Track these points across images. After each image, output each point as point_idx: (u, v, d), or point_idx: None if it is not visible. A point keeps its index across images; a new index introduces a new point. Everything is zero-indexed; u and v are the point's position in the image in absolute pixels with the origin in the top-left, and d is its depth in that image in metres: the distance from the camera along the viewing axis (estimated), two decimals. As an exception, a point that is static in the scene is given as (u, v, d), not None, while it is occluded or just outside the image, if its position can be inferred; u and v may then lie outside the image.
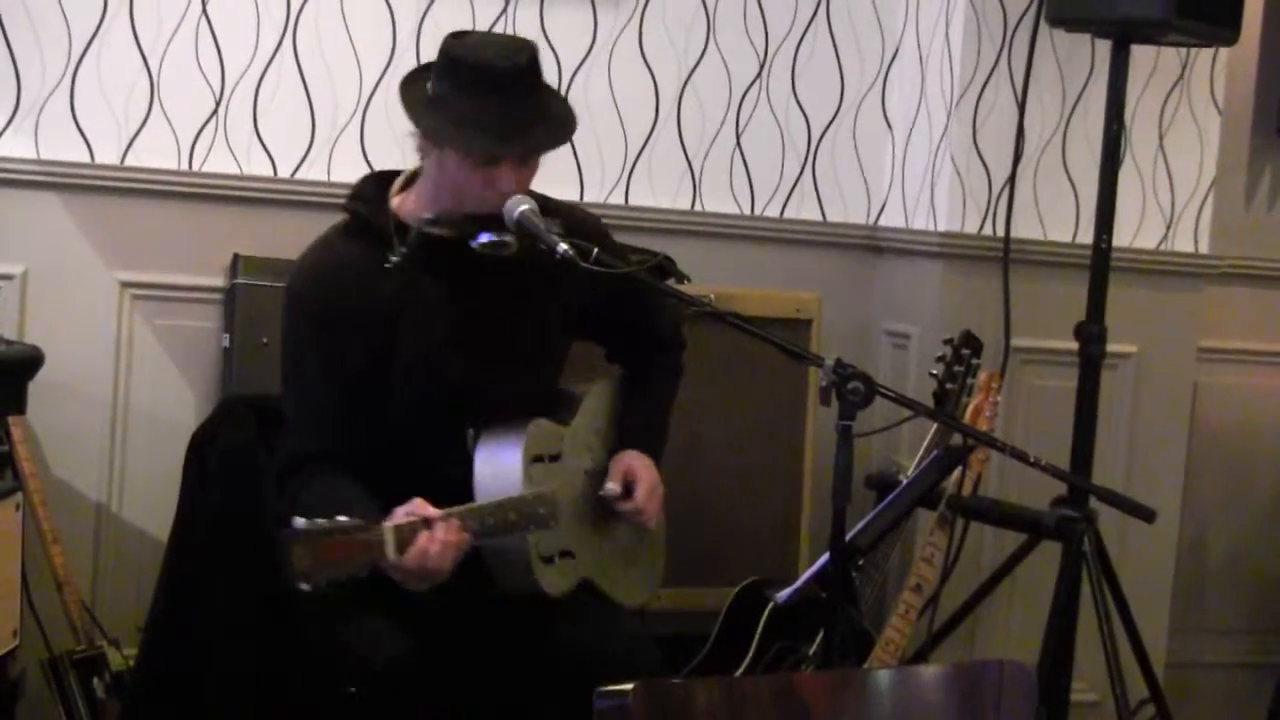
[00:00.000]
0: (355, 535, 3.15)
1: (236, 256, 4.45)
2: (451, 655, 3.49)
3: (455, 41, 3.48)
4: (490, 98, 3.41)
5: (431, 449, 3.55)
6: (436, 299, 3.56)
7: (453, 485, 3.46)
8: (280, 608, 3.53)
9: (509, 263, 3.51)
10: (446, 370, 3.56)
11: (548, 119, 3.52)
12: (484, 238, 3.45)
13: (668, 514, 3.97)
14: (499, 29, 4.70)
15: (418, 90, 3.51)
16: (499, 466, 3.52)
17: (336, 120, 4.60)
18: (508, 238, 3.45)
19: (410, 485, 3.38)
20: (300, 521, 3.09)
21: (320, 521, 3.11)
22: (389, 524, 3.21)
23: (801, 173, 5.05)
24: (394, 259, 3.46)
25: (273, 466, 3.62)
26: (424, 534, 3.24)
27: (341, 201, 3.66)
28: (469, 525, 3.32)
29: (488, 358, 3.59)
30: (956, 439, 4.09)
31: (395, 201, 3.59)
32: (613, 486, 3.67)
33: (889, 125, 5.12)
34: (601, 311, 3.80)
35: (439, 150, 3.48)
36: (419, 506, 3.29)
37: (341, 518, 3.14)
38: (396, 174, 3.66)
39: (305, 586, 3.09)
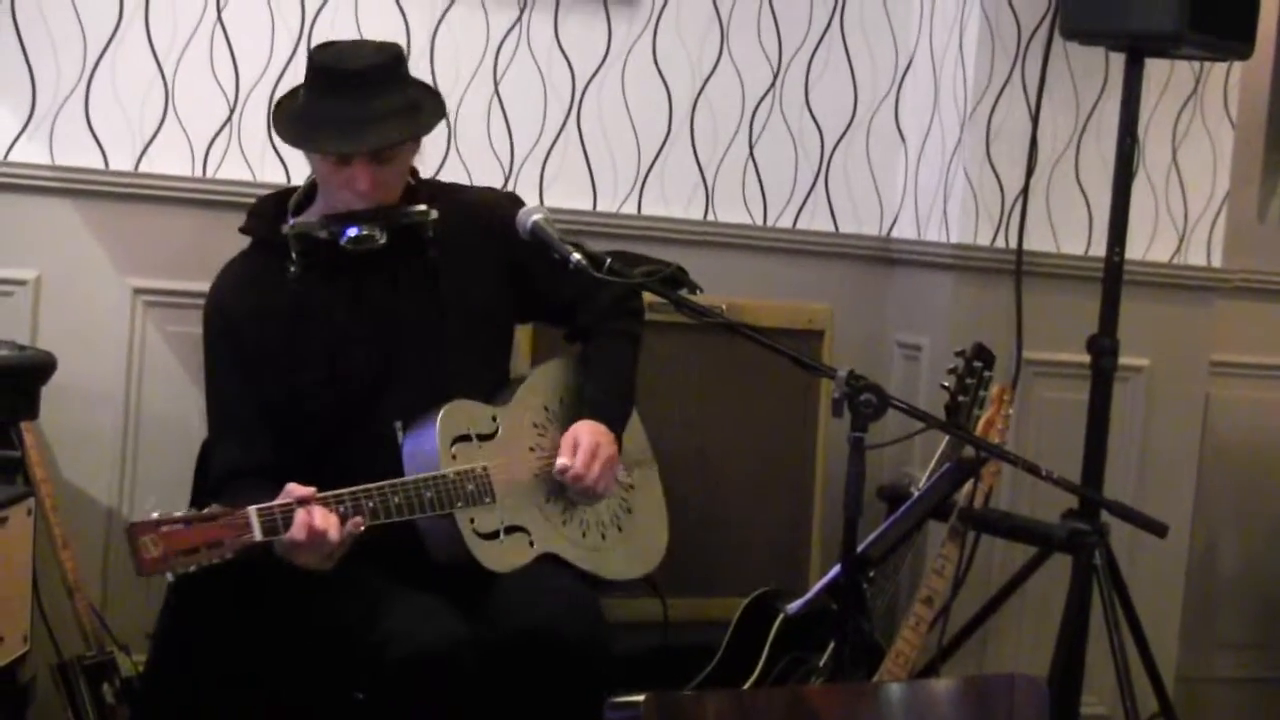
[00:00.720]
0: (214, 521, 3.21)
1: (249, 264, 4.46)
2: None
3: (316, 50, 3.63)
4: (337, 99, 3.52)
5: (362, 448, 3.61)
6: (340, 302, 3.64)
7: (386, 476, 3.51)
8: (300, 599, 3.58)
9: (418, 257, 3.65)
10: (358, 370, 3.64)
11: (396, 114, 3.57)
12: (350, 232, 3.56)
13: (679, 521, 3.97)
14: (513, 38, 4.71)
15: (290, 102, 3.67)
16: (419, 450, 3.57)
17: (350, 128, 4.61)
18: (374, 231, 3.56)
19: (347, 483, 3.42)
20: (154, 513, 3.18)
21: (175, 513, 3.19)
22: (253, 507, 3.28)
23: (814, 183, 5.05)
24: (293, 269, 3.58)
25: (206, 482, 3.71)
26: (301, 511, 3.30)
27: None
28: (366, 505, 3.38)
29: (403, 353, 3.66)
30: (968, 451, 4.09)
31: (295, 215, 3.69)
32: (563, 461, 3.69)
33: (902, 137, 5.12)
34: (541, 292, 3.86)
35: (307, 155, 3.67)
36: (292, 489, 3.34)
37: (210, 506, 3.24)
38: (296, 188, 3.79)
39: (169, 577, 3.19)
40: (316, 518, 3.31)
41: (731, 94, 4.96)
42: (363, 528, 3.39)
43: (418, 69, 4.61)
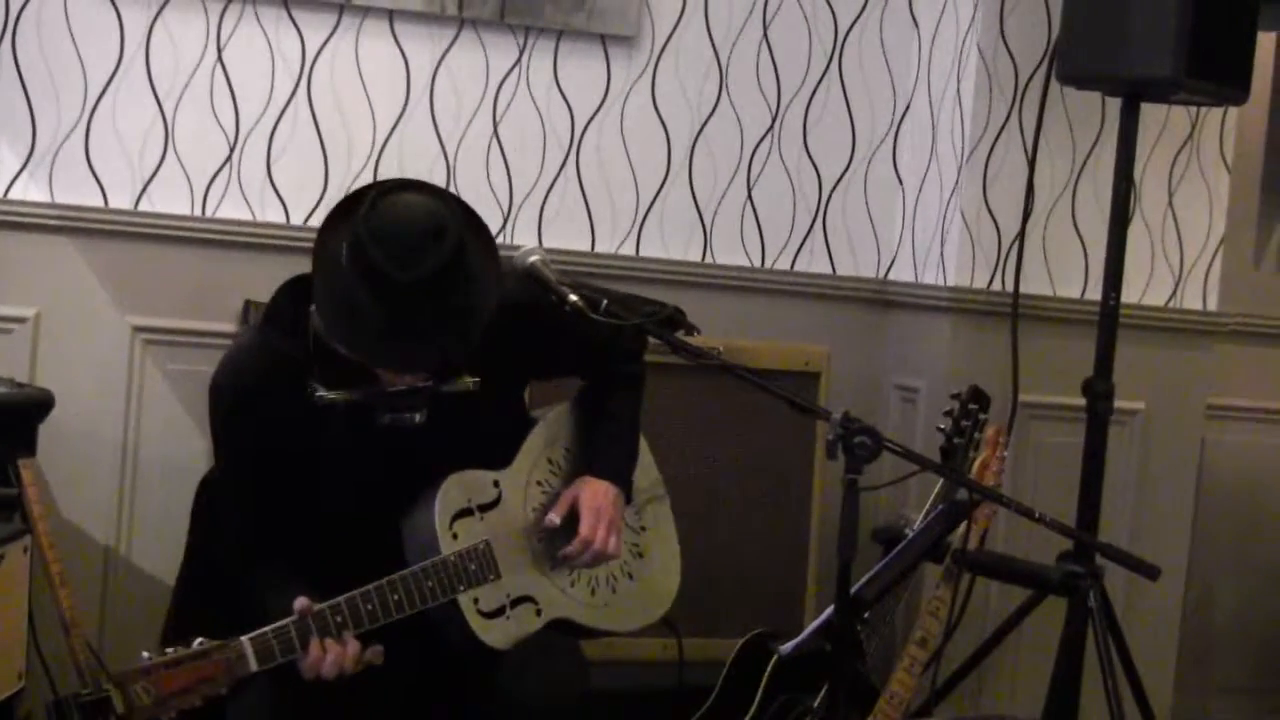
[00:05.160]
0: (206, 658, 3.13)
1: (248, 303, 4.46)
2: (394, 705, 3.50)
3: (370, 214, 3.24)
4: (380, 304, 3.21)
5: (369, 540, 3.46)
6: (364, 434, 3.43)
7: (394, 567, 3.41)
8: None
9: (450, 403, 3.43)
10: (375, 489, 3.47)
11: (454, 320, 3.29)
12: (389, 417, 3.36)
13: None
14: (512, 80, 4.72)
15: (337, 238, 3.29)
16: (418, 537, 3.44)
17: (350, 167, 4.62)
18: (415, 414, 3.37)
19: (352, 569, 3.36)
20: (144, 655, 3.09)
21: (169, 650, 3.10)
22: (246, 637, 3.18)
23: (812, 226, 5.07)
24: (312, 388, 3.33)
25: (224, 555, 3.60)
26: (314, 645, 3.23)
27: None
28: (363, 609, 3.29)
29: (425, 469, 3.48)
30: (963, 493, 4.09)
31: (316, 315, 3.40)
32: (552, 518, 3.57)
33: (900, 180, 5.13)
34: (552, 363, 3.77)
35: None
36: (302, 605, 3.25)
37: (197, 641, 3.13)
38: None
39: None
40: (325, 664, 3.24)
41: (730, 136, 4.97)
42: (380, 660, 3.31)
43: (417, 110, 4.64)
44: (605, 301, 3.44)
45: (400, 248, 3.20)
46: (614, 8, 4.78)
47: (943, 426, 4.22)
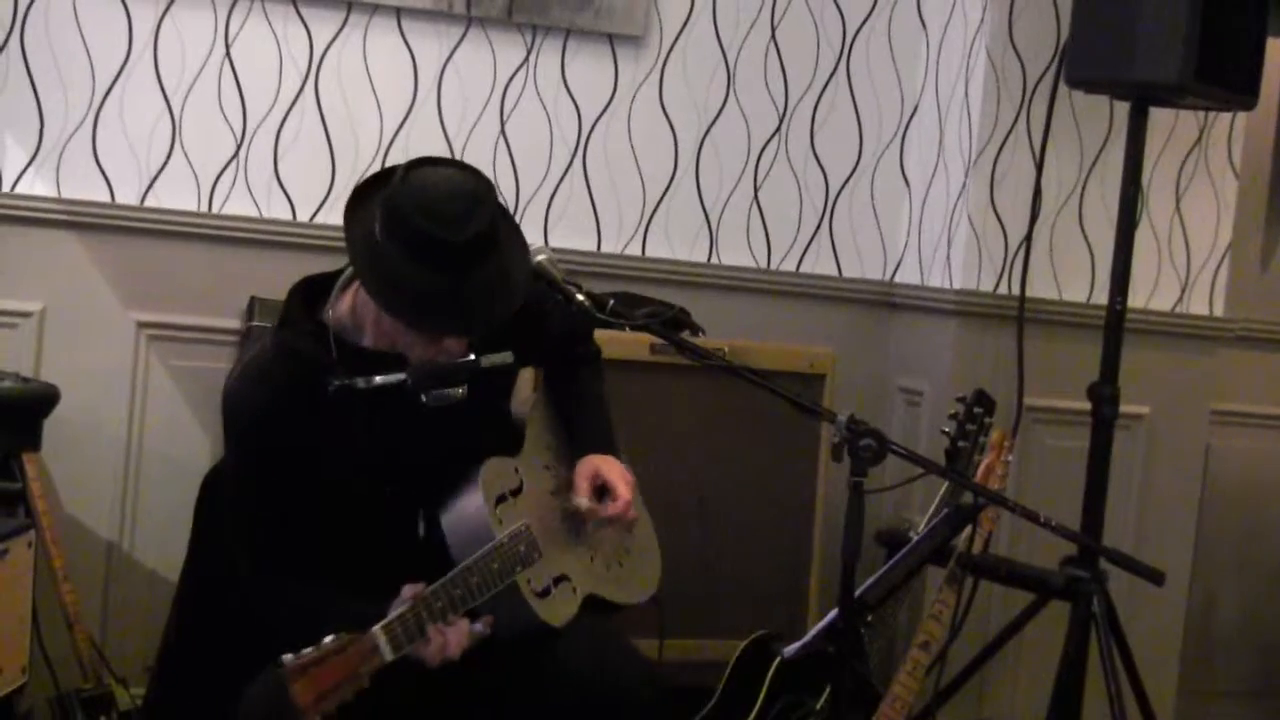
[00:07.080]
0: (343, 652, 3.09)
1: (253, 299, 4.46)
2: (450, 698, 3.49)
3: (403, 189, 3.26)
4: (435, 271, 3.24)
5: (385, 544, 3.46)
6: (377, 419, 3.43)
7: (410, 570, 3.37)
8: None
9: (479, 386, 3.46)
10: (392, 485, 3.46)
11: (497, 283, 3.33)
12: (436, 393, 3.36)
13: (680, 564, 3.95)
14: (520, 78, 4.72)
15: (365, 221, 3.30)
16: (467, 524, 3.45)
17: (357, 165, 4.62)
18: (459, 390, 3.38)
19: (369, 577, 3.34)
20: (289, 656, 3.03)
21: (307, 650, 3.06)
22: (378, 627, 3.16)
23: (818, 228, 5.06)
24: (335, 384, 3.33)
25: (237, 589, 3.53)
26: (433, 630, 3.24)
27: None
28: (455, 594, 3.29)
29: (445, 461, 3.49)
30: (967, 497, 4.09)
31: (332, 312, 3.43)
32: (582, 500, 3.62)
33: (906, 182, 5.13)
34: (537, 352, 3.77)
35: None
36: (414, 591, 3.26)
37: (328, 638, 3.09)
38: (326, 279, 3.49)
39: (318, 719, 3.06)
40: (450, 644, 3.26)
41: (737, 137, 4.97)
42: (489, 630, 3.34)
43: (424, 108, 4.64)
44: (612, 301, 3.44)
45: (445, 214, 3.23)
46: (622, 7, 4.78)
47: (947, 430, 4.22)
